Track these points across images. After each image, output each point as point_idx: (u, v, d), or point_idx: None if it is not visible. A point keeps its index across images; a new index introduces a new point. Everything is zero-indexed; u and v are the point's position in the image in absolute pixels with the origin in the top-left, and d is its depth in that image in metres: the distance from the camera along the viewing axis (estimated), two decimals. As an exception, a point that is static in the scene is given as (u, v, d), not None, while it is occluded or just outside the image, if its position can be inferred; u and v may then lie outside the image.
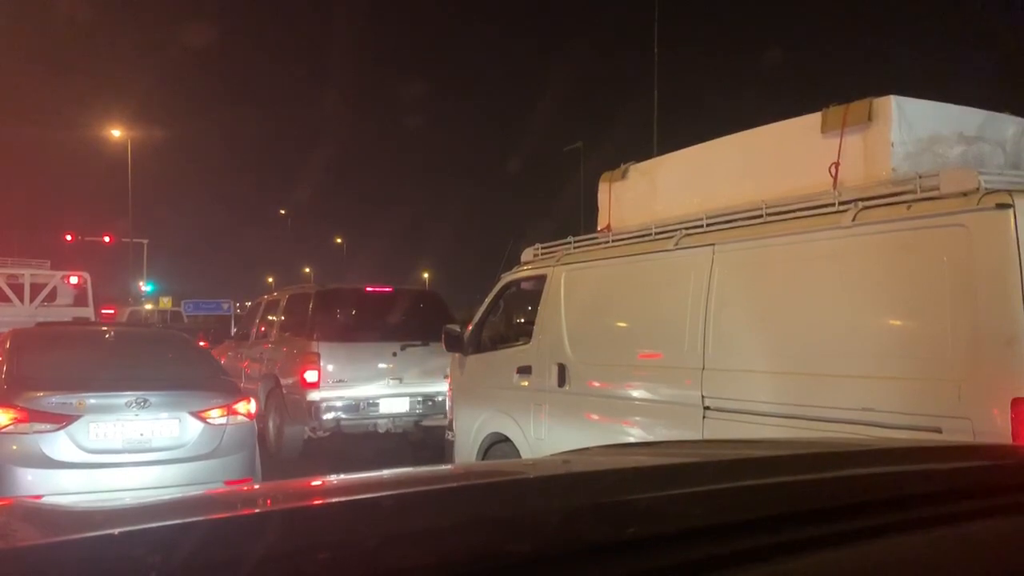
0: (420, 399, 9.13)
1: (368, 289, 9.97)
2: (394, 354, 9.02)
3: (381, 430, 9.20)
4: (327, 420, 8.78)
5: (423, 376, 9.07)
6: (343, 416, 8.84)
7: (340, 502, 1.00)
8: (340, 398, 8.80)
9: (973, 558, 0.99)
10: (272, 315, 10.51)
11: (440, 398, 8.86)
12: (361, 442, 9.40)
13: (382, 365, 9.04)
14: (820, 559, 0.90)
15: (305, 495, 1.18)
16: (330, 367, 8.78)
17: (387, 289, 10.05)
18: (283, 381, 9.31)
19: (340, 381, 8.81)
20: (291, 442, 9.16)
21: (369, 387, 8.96)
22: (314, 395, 8.69)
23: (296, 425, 9.08)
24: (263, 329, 10.67)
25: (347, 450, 9.25)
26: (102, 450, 5.29)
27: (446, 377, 8.66)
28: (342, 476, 1.31)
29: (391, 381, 9.02)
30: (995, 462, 1.41)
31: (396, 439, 9.62)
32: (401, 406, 9.10)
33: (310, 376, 8.71)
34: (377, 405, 8.99)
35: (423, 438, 9.45)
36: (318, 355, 8.74)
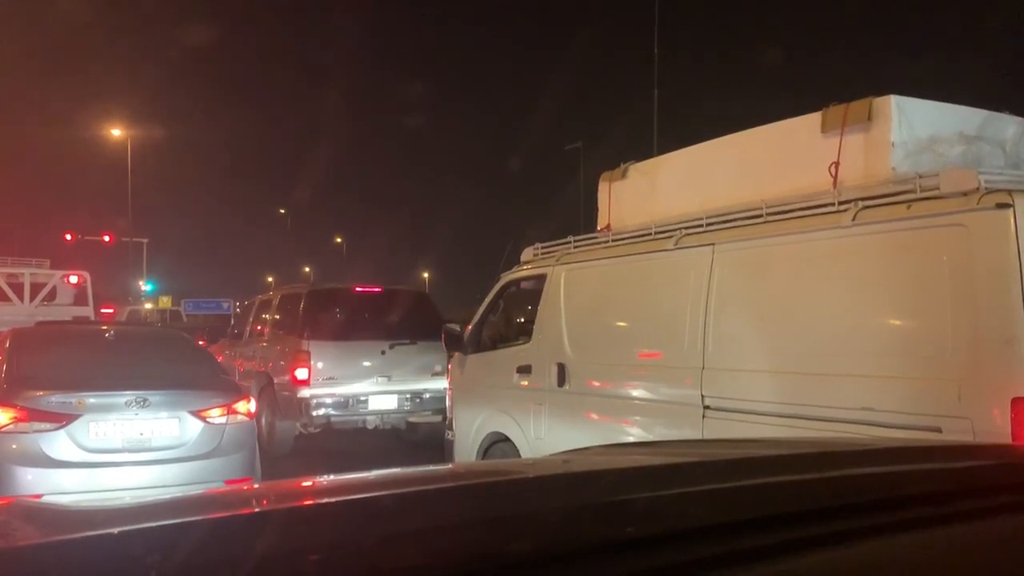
0: (408, 396, 9.37)
1: (358, 289, 10.24)
2: (383, 352, 9.25)
3: (370, 426, 9.48)
4: (317, 416, 9.01)
5: (411, 374, 9.34)
6: (333, 412, 9.08)
7: (340, 501, 1.00)
8: (330, 395, 9.02)
9: (973, 558, 0.99)
10: (265, 314, 10.77)
11: (428, 395, 9.28)
12: (351, 438, 9.69)
13: (371, 363, 9.27)
14: (820, 559, 0.90)
15: (305, 495, 1.18)
16: (320, 365, 9.01)
17: (376, 289, 10.32)
18: (275, 379, 9.55)
19: (330, 378, 9.03)
20: (282, 438, 9.37)
21: (358, 384, 9.18)
22: (305, 392, 8.93)
23: (287, 421, 9.31)
24: (256, 328, 10.91)
25: (337, 446, 9.52)
26: (102, 449, 5.29)
27: (433, 374, 9.21)
28: (342, 476, 1.31)
29: (380, 379, 9.24)
30: (995, 462, 1.41)
31: (385, 435, 9.89)
32: (390, 403, 9.33)
33: (301, 373, 8.95)
34: (366, 402, 9.22)
35: (415, 436, 9.80)
36: (308, 353, 8.99)
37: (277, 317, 10.30)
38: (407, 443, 10.06)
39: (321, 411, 9.01)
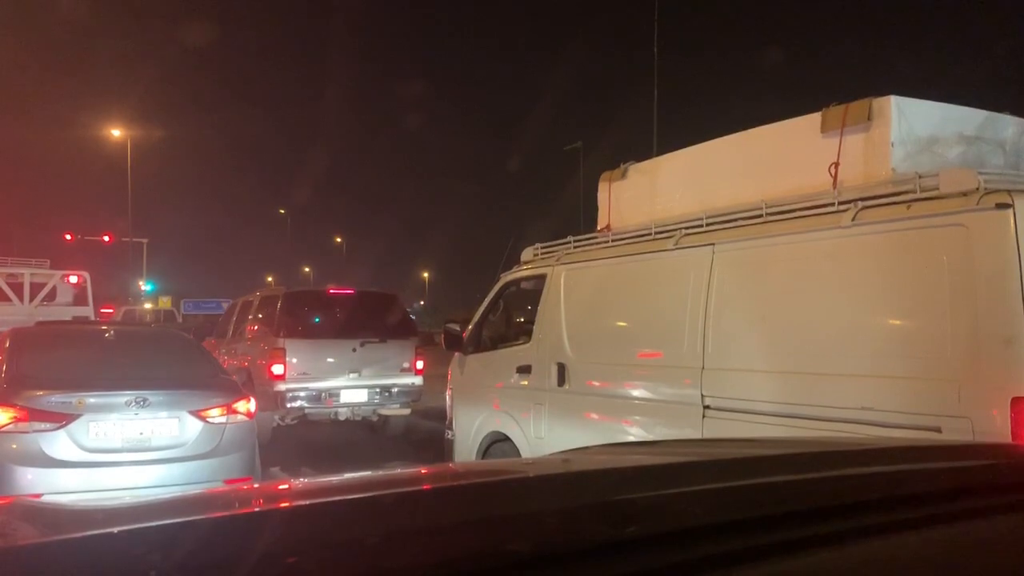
0: (378, 390, 10.18)
1: (331, 291, 11.13)
2: (354, 350, 10.03)
3: (341, 418, 10.30)
4: (293, 408, 9.81)
5: (380, 370, 10.19)
6: (307, 405, 9.85)
7: (340, 501, 1.00)
8: (304, 389, 9.78)
9: (973, 558, 0.99)
10: (246, 314, 11.50)
11: (396, 390, 10.23)
12: (326, 429, 10.71)
13: (343, 359, 10.03)
14: (820, 558, 0.90)
15: (304, 494, 1.18)
16: (295, 361, 9.76)
17: (349, 291, 11.14)
18: (254, 374, 10.13)
19: (304, 374, 9.78)
20: (261, 429, 9.76)
21: (330, 379, 9.94)
22: (280, 386, 9.68)
23: (266, 413, 9.84)
24: (239, 327, 11.60)
25: (313, 437, 10.40)
26: (102, 449, 5.29)
27: (401, 370, 10.21)
28: (341, 475, 1.31)
29: (351, 374, 10.03)
30: (995, 461, 1.41)
31: (357, 426, 10.82)
32: (360, 396, 10.12)
33: (277, 369, 9.70)
34: (338, 395, 9.99)
35: (385, 427, 10.82)
36: (284, 350, 9.75)
37: (257, 317, 11.00)
38: (378, 434, 10.87)
39: (296, 404, 9.74)
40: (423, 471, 1.67)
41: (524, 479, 1.31)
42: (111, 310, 24.90)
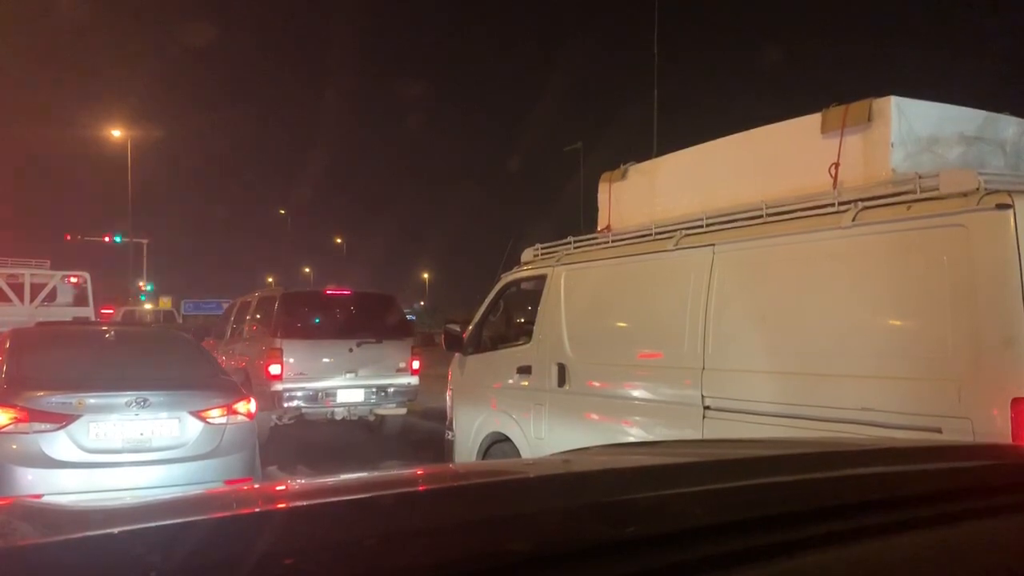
0: (374, 390, 10.29)
1: (328, 292, 11.25)
2: (350, 350, 10.15)
3: (338, 417, 10.44)
4: (290, 408, 9.94)
5: (376, 370, 10.31)
6: (304, 405, 9.97)
7: (340, 501, 1.00)
8: (301, 389, 9.89)
9: (973, 558, 0.99)
10: (244, 315, 11.60)
11: (392, 389, 10.35)
12: (323, 429, 10.84)
13: (339, 359, 10.13)
14: (820, 559, 0.90)
15: (305, 495, 1.18)
16: (292, 361, 9.88)
17: (346, 292, 11.28)
18: (252, 374, 10.20)
19: (301, 374, 9.89)
20: (259, 429, 9.80)
21: (327, 379, 10.05)
22: (278, 386, 9.79)
23: (263, 413, 10.00)
24: (237, 328, 11.71)
25: (310, 436, 10.50)
26: (102, 450, 5.29)
27: (397, 371, 10.33)
28: (341, 476, 1.31)
29: (347, 374, 10.14)
30: (995, 462, 1.41)
31: (354, 425, 10.95)
32: (356, 396, 10.23)
33: (274, 369, 9.81)
34: (334, 395, 10.11)
35: (382, 426, 10.95)
36: (281, 350, 9.85)
37: (255, 317, 11.09)
38: (375, 434, 11.01)
39: (293, 403, 9.85)
40: (422, 471, 1.67)
41: (524, 479, 1.31)
42: (111, 310, 24.92)
